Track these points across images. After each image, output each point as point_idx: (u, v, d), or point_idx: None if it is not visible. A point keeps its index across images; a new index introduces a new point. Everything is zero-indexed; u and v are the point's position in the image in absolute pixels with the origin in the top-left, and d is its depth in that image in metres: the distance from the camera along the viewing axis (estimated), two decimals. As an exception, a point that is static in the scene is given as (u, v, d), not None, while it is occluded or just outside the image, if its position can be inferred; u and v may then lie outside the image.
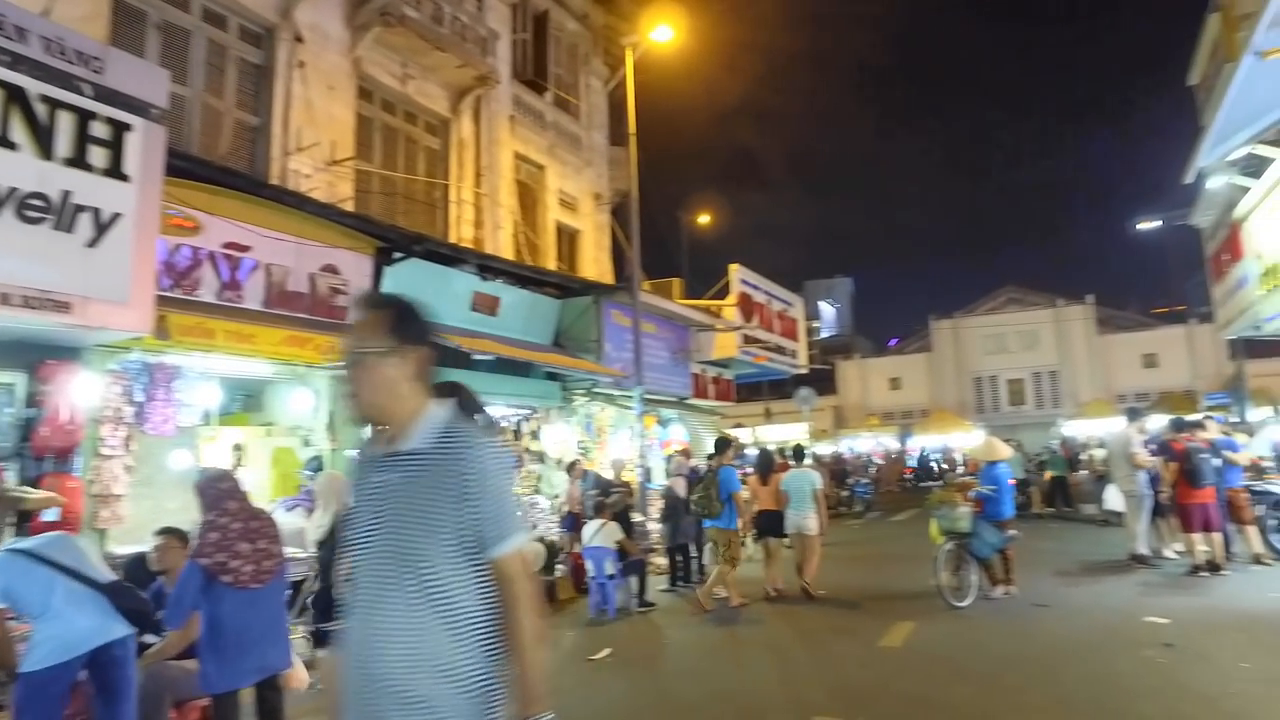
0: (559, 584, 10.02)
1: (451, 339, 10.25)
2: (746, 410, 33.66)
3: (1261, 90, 7.71)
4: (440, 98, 13.34)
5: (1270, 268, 13.35)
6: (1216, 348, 34.23)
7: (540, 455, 12.78)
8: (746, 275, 18.96)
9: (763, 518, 9.90)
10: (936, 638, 7.29)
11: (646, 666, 7.10)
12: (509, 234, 14.56)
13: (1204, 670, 5.87)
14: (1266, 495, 10.39)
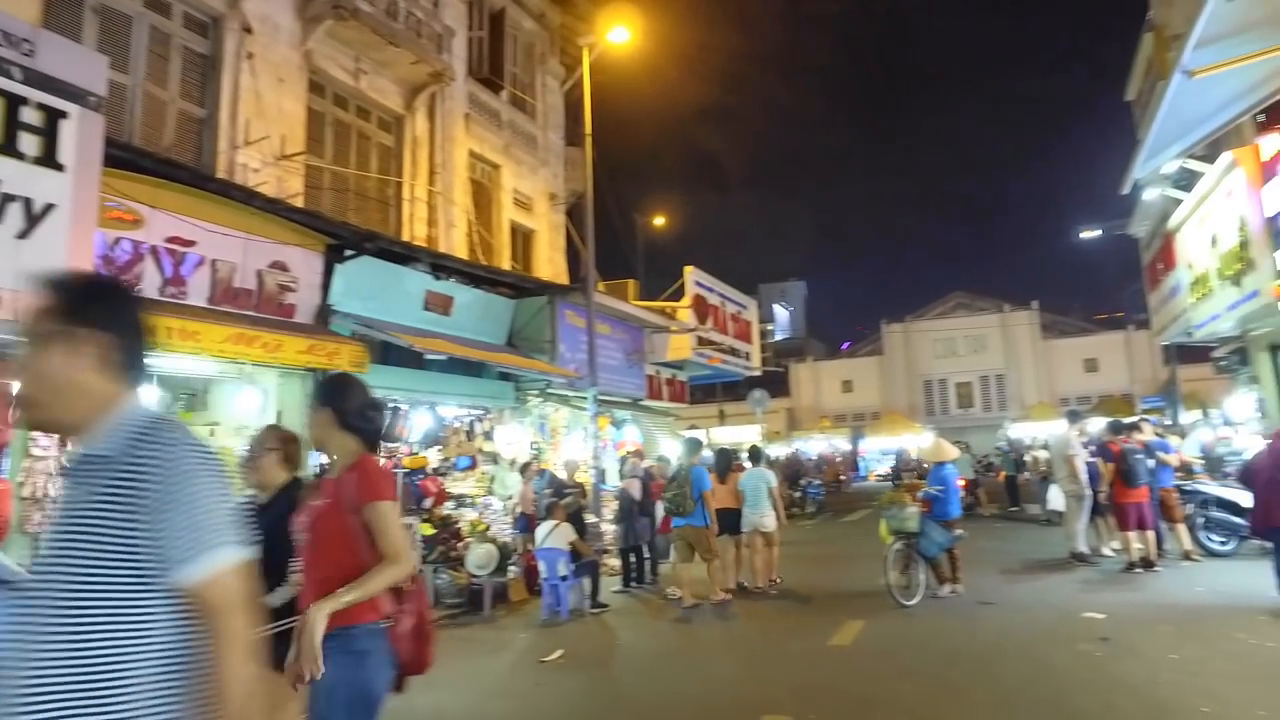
0: (511, 586, 9.94)
1: (404, 338, 10.12)
2: (700, 412, 33.85)
3: (1190, 107, 8.03)
4: (394, 94, 13.15)
5: (1200, 277, 13.91)
6: (1152, 353, 35.53)
7: (494, 456, 12.67)
8: (701, 277, 19.07)
9: (720, 516, 9.96)
10: (885, 636, 7.41)
11: (599, 668, 7.09)
12: (463, 233, 14.42)
13: (1135, 663, 6.07)
14: (1195, 494, 10.81)
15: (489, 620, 8.98)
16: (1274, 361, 13.40)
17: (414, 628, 2.90)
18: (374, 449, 3.01)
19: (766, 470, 10.64)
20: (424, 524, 9.57)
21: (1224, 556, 10.35)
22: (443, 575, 9.46)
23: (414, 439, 11.16)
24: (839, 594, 9.61)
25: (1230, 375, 16.62)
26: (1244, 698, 5.14)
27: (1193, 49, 6.52)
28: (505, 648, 7.78)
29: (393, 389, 10.76)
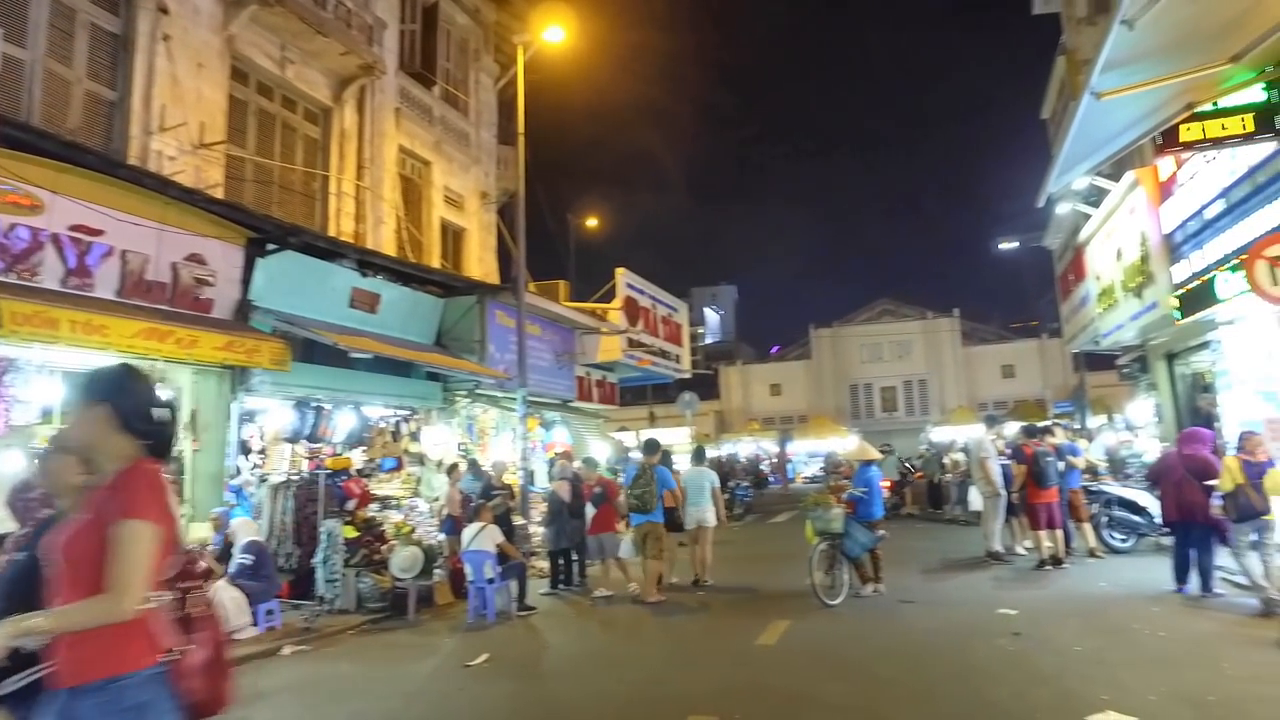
0: (437, 589, 9.75)
1: (328, 336, 9.86)
2: (630, 414, 33.92)
3: (1098, 127, 8.44)
4: (322, 85, 12.80)
5: (1106, 288, 14.66)
6: (1064, 360, 37.24)
7: (420, 457, 12.44)
8: (632, 279, 19.13)
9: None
10: (810, 635, 7.55)
11: (525, 671, 7.02)
12: (391, 230, 14.13)
13: (1046, 654, 6.35)
14: (1100, 495, 11.38)
15: (413, 624, 8.79)
16: (1170, 369, 14.21)
17: (206, 662, 2.50)
18: (157, 457, 2.44)
19: (708, 470, 11.25)
20: (346, 527, 9.32)
21: (1124, 553, 10.93)
22: (365, 579, 9.22)
23: (338, 439, 10.88)
24: (766, 594, 9.75)
25: (1132, 382, 17.55)
26: (1139, 684, 5.45)
27: (1099, 72, 6.85)
28: (429, 652, 7.63)
29: (316, 388, 10.48)
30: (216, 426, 9.42)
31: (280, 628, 8.19)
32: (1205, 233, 10.46)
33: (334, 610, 8.82)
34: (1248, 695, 5.18)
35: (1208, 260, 10.34)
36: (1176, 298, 11.28)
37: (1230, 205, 9.91)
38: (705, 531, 10.53)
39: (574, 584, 10.83)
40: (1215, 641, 6.55)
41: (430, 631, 8.55)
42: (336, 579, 8.79)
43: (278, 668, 7.12)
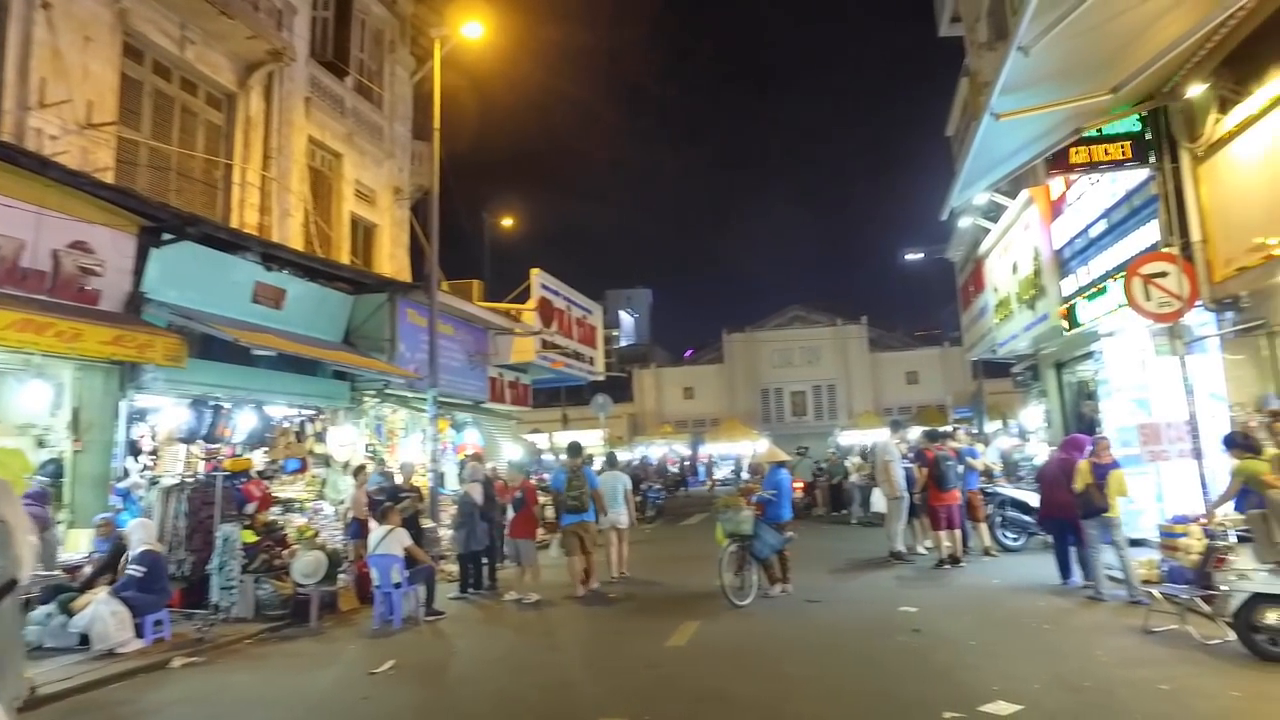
0: (341, 595, 9.43)
1: (228, 331, 9.43)
2: (543, 416, 33.74)
3: (997, 146, 8.93)
4: (226, 69, 12.22)
5: (1003, 300, 15.47)
6: (964, 368, 38.99)
7: (325, 459, 12.02)
8: (547, 280, 19.03)
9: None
10: (720, 635, 7.65)
11: (432, 677, 6.87)
12: (299, 223, 13.62)
13: (943, 649, 6.64)
14: (994, 496, 11.97)
15: (315, 632, 8.47)
16: (1059, 378, 15.10)
17: None
18: None
19: (621, 473, 11.87)
20: (245, 531, 8.91)
21: (1016, 551, 11.53)
22: (265, 585, 8.85)
23: (238, 440, 10.40)
24: (676, 596, 9.83)
25: (1025, 389, 18.54)
26: (1026, 673, 5.77)
27: (998, 95, 7.24)
28: (332, 660, 7.37)
29: (215, 386, 10.02)
30: (102, 426, 8.87)
31: (170, 639, 7.73)
32: (1090, 250, 11.16)
33: (230, 619, 8.39)
34: (1116, 679, 5.59)
35: (1092, 275, 11.02)
36: (1065, 310, 11.99)
37: (1111, 225, 10.61)
38: (622, 532, 11.18)
39: (485, 588, 10.67)
40: (1091, 631, 7.00)
41: (333, 639, 8.26)
42: (233, 586, 8.37)
43: (167, 681, 6.74)
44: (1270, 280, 7.88)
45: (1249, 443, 6.99)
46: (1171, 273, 8.60)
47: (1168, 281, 8.57)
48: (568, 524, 10.17)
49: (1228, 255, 8.61)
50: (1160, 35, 7.29)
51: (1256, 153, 7.92)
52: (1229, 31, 7.98)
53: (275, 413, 11.29)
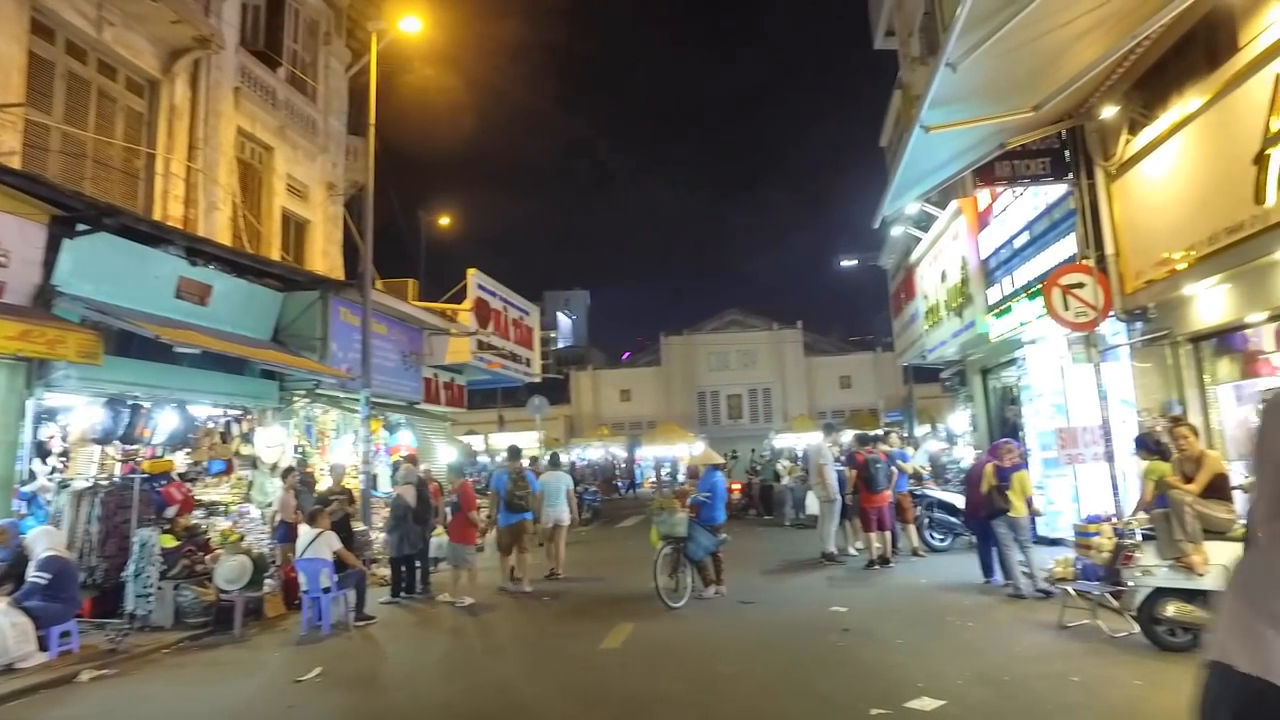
0: (267, 600, 9.14)
1: (148, 327, 9.05)
2: (479, 417, 33.33)
3: (927, 158, 9.22)
4: (148, 54, 11.72)
5: (932, 307, 15.94)
6: (895, 373, 40.04)
7: (253, 460, 11.64)
8: (484, 281, 18.81)
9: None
10: (654, 637, 7.69)
11: (361, 684, 6.71)
12: (227, 217, 13.16)
13: (872, 648, 6.82)
14: (922, 498, 12.32)
15: (239, 640, 8.20)
16: (984, 383, 15.65)
17: None
18: None
19: (564, 474, 12.48)
20: (165, 535, 8.57)
21: (943, 551, 11.89)
22: (186, 592, 8.51)
23: (158, 441, 9.97)
24: (612, 598, 9.84)
25: (953, 394, 19.15)
26: (950, 670, 5.96)
27: (928, 108, 7.47)
28: (256, 668, 7.14)
29: (133, 384, 9.60)
30: (6, 426, 8.40)
31: (78, 651, 7.34)
32: (1014, 260, 11.59)
33: (146, 628, 8.05)
34: (1032, 673, 5.85)
35: (1016, 285, 11.46)
36: (989, 318, 12.43)
37: (1033, 237, 11.05)
38: (561, 530, 11.69)
39: (417, 592, 10.49)
40: (1011, 627, 7.29)
41: (258, 646, 8.01)
42: (150, 593, 8.02)
43: (73, 697, 6.41)
44: (1174, 293, 8.33)
45: (1159, 446, 7.38)
46: (1088, 284, 9.02)
47: (1084, 292, 8.98)
48: (507, 523, 10.61)
49: (1138, 268, 9.07)
50: (1077, 58, 7.64)
51: (1162, 173, 8.37)
52: (1137, 58, 8.44)
53: (199, 413, 10.88)
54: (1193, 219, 7.73)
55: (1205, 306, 8.07)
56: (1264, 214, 6.57)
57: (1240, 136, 6.84)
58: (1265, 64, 6.52)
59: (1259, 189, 6.52)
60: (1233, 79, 7.00)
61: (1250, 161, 6.61)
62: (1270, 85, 6.36)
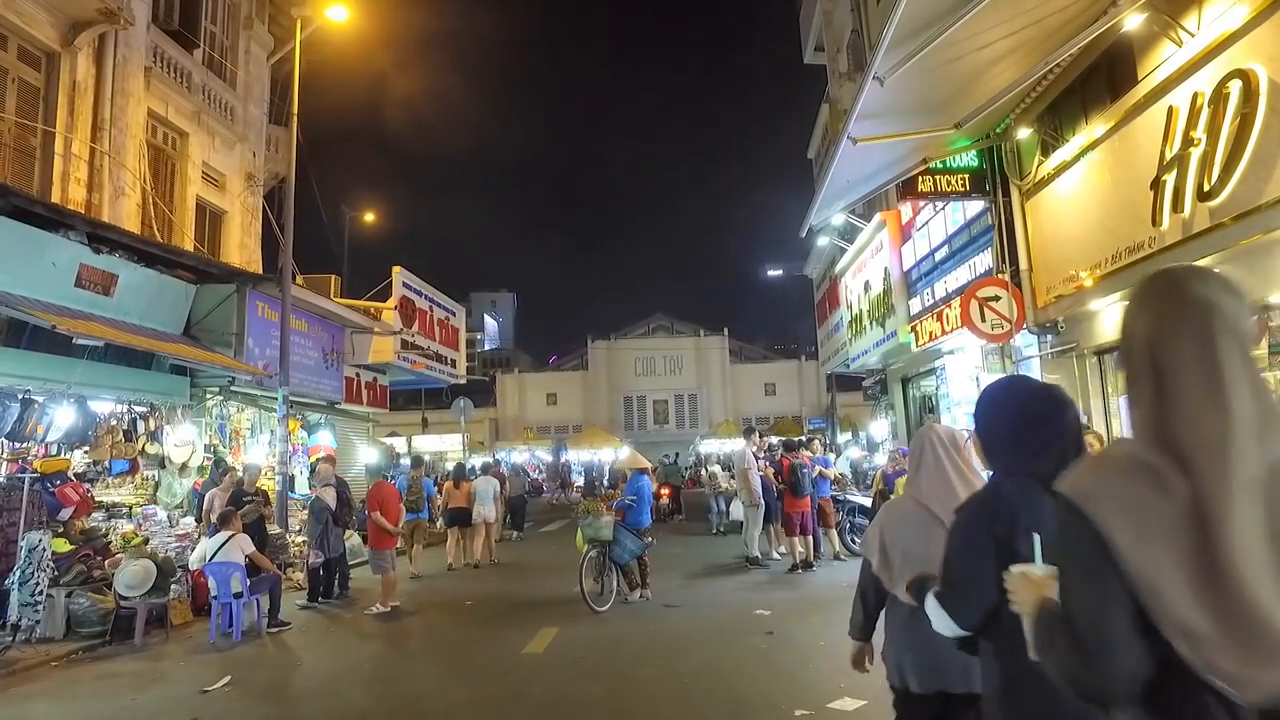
0: (173, 607, 8.65)
1: (44, 317, 8.51)
2: (402, 418, 32.63)
3: (854, 170, 9.46)
4: (46, 24, 11.04)
5: (856, 317, 16.36)
6: (818, 381, 41.01)
7: (161, 459, 11.06)
8: (409, 279, 18.40)
9: (455, 512, 13.35)
10: (577, 641, 7.62)
11: (273, 693, 6.43)
12: (135, 203, 12.51)
13: (792, 651, 6.92)
14: (844, 504, 12.61)
15: (140, 649, 7.76)
16: (905, 392, 16.14)
17: None
18: None
19: (493, 478, 14.14)
20: (57, 539, 8.05)
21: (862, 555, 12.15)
22: (81, 599, 8.01)
23: (53, 438, 9.37)
24: (535, 602, 9.72)
25: (875, 402, 19.69)
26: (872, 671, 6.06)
27: (855, 120, 7.67)
28: (157, 680, 6.77)
29: (25, 377, 9.01)
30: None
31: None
32: (935, 273, 12.00)
33: (33, 639, 7.53)
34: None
35: (936, 297, 11.86)
36: (910, 328, 12.83)
37: (953, 251, 11.46)
38: (488, 526, 13.46)
39: (336, 596, 10.16)
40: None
41: (160, 656, 7.59)
42: (39, 602, 7.51)
43: (-53, 713, 5.96)
44: (1081, 308, 8.76)
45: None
46: (1003, 297, 9.41)
47: (1000, 305, 9.36)
48: (409, 520, 12.33)
49: (1049, 284, 9.49)
50: (994, 81, 7.98)
51: (1071, 193, 8.80)
52: (1049, 84, 8.86)
53: (101, 409, 10.29)
54: (1098, 238, 8.14)
55: (1109, 321, 8.50)
56: (1160, 235, 6.97)
57: (1139, 162, 7.25)
58: (1161, 96, 6.92)
59: (1155, 212, 6.91)
60: (1133, 108, 7.41)
61: (1148, 186, 7.01)
62: (1164, 116, 6.76)
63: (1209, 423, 1.23)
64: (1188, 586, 1.19)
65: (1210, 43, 6.21)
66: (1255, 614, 1.15)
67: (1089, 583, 1.28)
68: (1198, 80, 6.31)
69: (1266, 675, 1.14)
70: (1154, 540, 1.22)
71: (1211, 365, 1.25)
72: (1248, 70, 5.73)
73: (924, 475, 2.67)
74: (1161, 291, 1.34)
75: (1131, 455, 1.30)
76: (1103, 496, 1.28)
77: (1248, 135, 5.71)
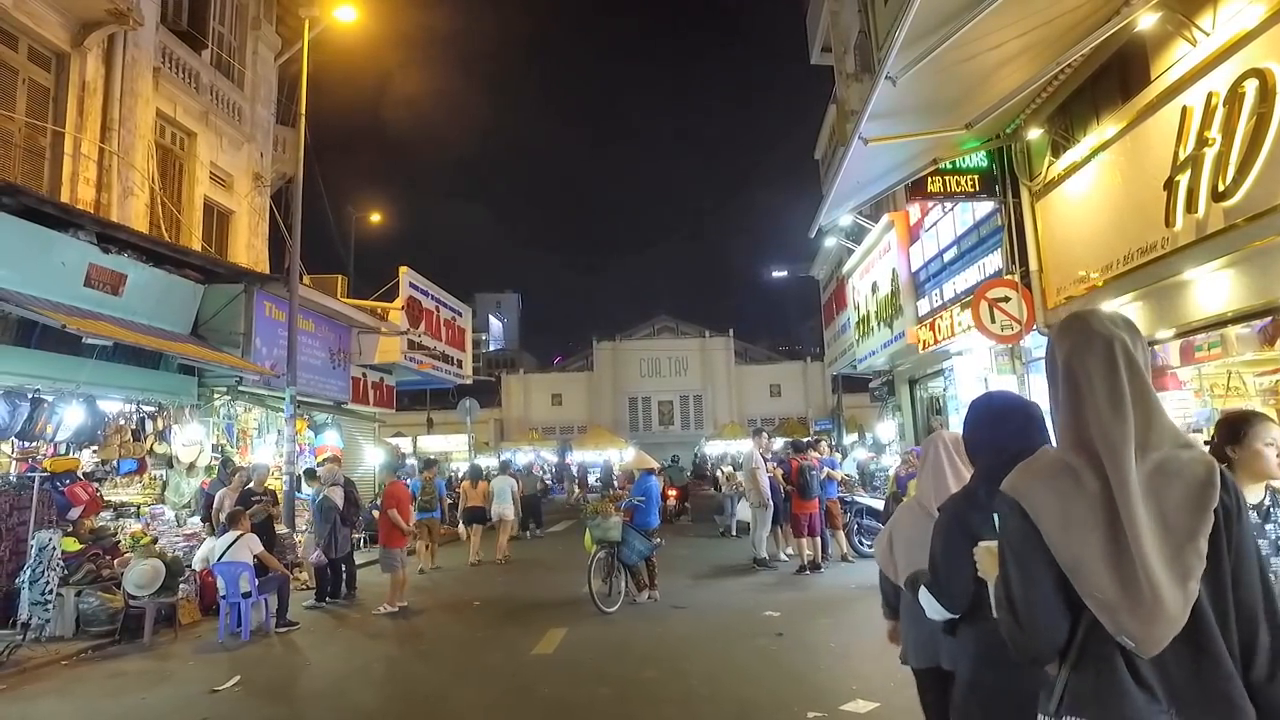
0: (181, 606, 8.66)
1: (54, 316, 8.53)
2: (408, 419, 32.66)
3: (864, 170, 9.43)
4: (56, 24, 11.06)
5: (863, 318, 16.31)
6: (824, 382, 40.92)
7: (168, 459, 11.07)
8: (416, 279, 18.42)
9: (472, 511, 14.20)
10: (585, 642, 7.60)
11: (281, 693, 6.43)
12: (143, 203, 12.53)
13: (802, 653, 6.88)
14: (851, 505, 12.57)
15: (148, 648, 7.76)
16: (912, 393, 16.08)
17: None
18: None
19: (510, 478, 15.03)
20: (67, 539, 8.05)
21: (871, 557, 12.05)
22: (91, 598, 8.01)
23: (62, 437, 9.37)
24: (544, 603, 9.71)
25: (881, 404, 19.63)
26: (882, 672, 6.00)
27: (867, 120, 7.64)
28: (166, 679, 6.77)
29: (34, 377, 9.04)
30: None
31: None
32: (943, 274, 11.95)
33: (43, 638, 7.53)
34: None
35: (945, 298, 11.81)
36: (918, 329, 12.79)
37: (962, 252, 11.41)
38: (506, 523, 14.11)
39: (343, 596, 10.15)
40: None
41: (169, 655, 7.60)
42: (49, 600, 7.50)
43: (-45, 713, 5.96)
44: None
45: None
46: (1013, 298, 9.37)
47: (1010, 306, 9.32)
48: (421, 519, 12.59)
49: (1059, 284, 9.44)
50: (1005, 81, 7.93)
51: (1081, 194, 8.75)
52: (1060, 84, 8.82)
53: (109, 408, 10.30)
54: (1109, 239, 8.09)
55: (1120, 323, 8.44)
56: (1173, 236, 6.92)
57: (1152, 163, 7.20)
58: (1174, 96, 6.87)
59: (1168, 213, 6.86)
60: (1145, 109, 7.36)
61: (1161, 187, 6.96)
62: (1178, 116, 6.71)
63: (1113, 430, 1.53)
64: (1101, 562, 1.48)
65: (1225, 42, 6.16)
66: (1150, 583, 1.43)
67: (1021, 562, 1.57)
68: (1213, 80, 6.26)
69: (1156, 630, 1.43)
70: (1073, 526, 1.51)
71: (1114, 385, 1.56)
72: (1264, 69, 5.68)
73: (926, 477, 2.91)
74: (1077, 328, 1.66)
75: (1056, 458, 1.60)
76: (1033, 492, 1.57)
77: (1264, 135, 5.66)
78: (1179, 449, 1.55)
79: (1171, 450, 1.55)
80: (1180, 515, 1.48)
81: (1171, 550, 1.46)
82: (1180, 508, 1.49)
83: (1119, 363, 1.57)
